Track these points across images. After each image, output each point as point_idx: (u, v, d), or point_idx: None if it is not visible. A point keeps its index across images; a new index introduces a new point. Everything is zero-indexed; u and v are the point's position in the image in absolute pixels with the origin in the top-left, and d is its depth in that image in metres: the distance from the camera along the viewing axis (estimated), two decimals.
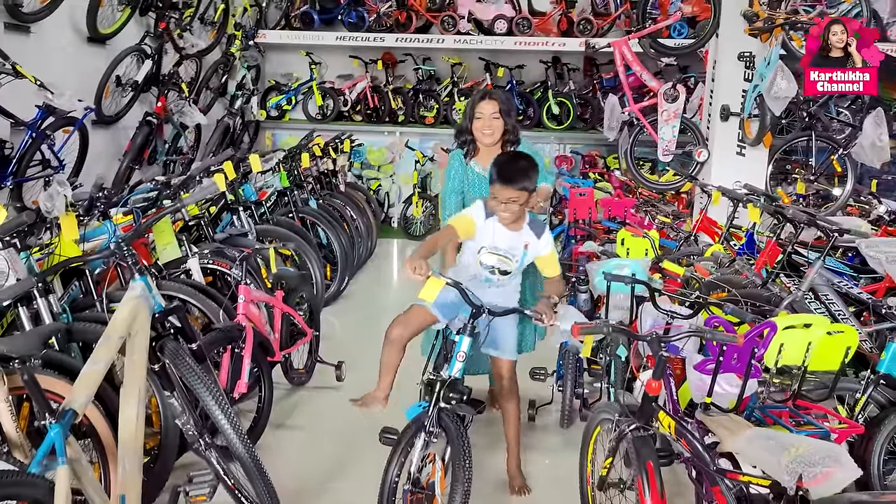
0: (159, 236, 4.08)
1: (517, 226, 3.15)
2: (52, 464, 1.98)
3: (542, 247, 3.19)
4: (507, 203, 3.01)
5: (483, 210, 3.15)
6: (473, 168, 3.79)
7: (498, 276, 3.20)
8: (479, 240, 3.17)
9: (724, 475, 2.45)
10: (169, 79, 7.00)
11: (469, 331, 2.92)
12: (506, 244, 3.15)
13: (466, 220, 3.15)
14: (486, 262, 3.18)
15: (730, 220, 5.11)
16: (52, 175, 5.16)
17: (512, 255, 3.16)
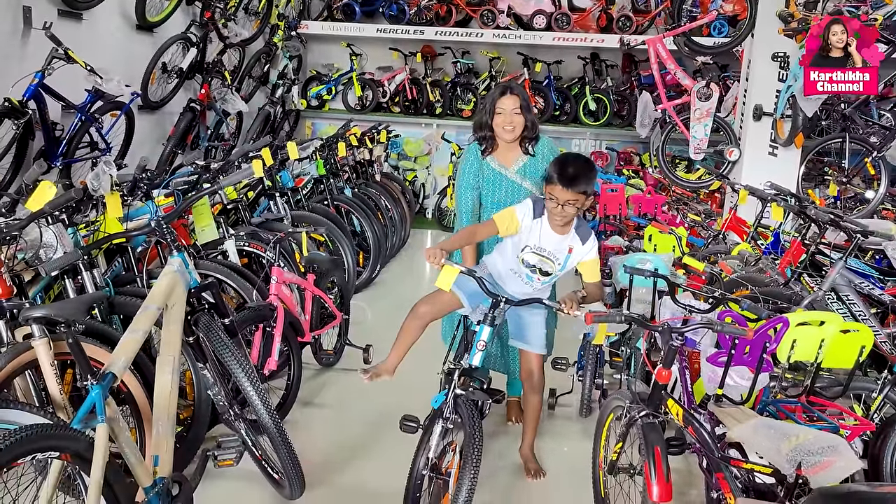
0: (198, 218, 4.26)
1: (566, 229, 3.09)
2: (92, 421, 2.13)
3: (586, 252, 3.13)
4: (565, 205, 2.97)
5: (531, 208, 3.11)
6: (490, 164, 3.67)
7: (539, 276, 3.16)
8: (525, 238, 3.12)
9: (729, 462, 2.52)
10: (213, 67, 7.21)
11: (490, 321, 2.91)
12: (551, 246, 3.11)
13: (511, 217, 3.12)
14: (529, 261, 3.14)
15: (757, 219, 5.13)
16: (100, 157, 5.38)
17: (555, 258, 3.12)
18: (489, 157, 3.65)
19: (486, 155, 3.65)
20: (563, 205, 2.96)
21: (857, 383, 3.26)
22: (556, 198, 2.97)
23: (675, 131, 6.39)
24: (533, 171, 3.64)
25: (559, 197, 2.96)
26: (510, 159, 3.63)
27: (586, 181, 2.96)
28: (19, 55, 4.98)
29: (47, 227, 3.02)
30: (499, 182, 3.64)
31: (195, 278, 2.86)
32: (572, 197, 2.94)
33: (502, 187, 3.63)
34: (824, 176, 6.53)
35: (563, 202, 2.96)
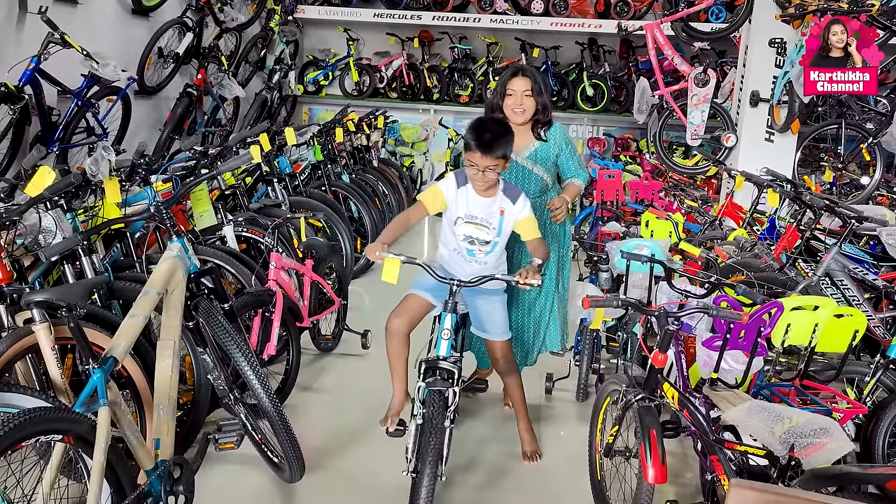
0: (196, 204, 4.27)
1: (491, 192, 3.07)
2: (94, 405, 2.16)
3: (519, 211, 3.08)
4: (485, 171, 2.93)
5: (454, 179, 3.10)
6: None
7: (479, 246, 3.12)
8: (454, 210, 3.10)
9: (723, 445, 2.55)
10: (209, 52, 7.19)
11: (451, 307, 2.84)
12: (482, 212, 3.07)
13: (434, 193, 3.12)
14: (464, 233, 3.10)
15: (753, 205, 5.15)
16: (96, 142, 5.38)
17: (489, 223, 3.08)
18: None
19: None
20: (483, 171, 2.93)
21: (851, 367, 3.30)
22: (475, 164, 2.93)
23: (672, 117, 6.40)
24: (544, 157, 3.59)
25: (479, 163, 2.92)
26: (520, 144, 3.53)
27: (504, 145, 2.94)
28: (15, 40, 4.97)
29: (46, 212, 3.03)
30: (509, 167, 3.56)
31: (195, 263, 2.87)
32: (491, 162, 2.92)
33: (512, 173, 3.55)
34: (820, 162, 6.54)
35: (482, 168, 2.92)
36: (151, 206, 2.88)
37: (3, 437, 1.86)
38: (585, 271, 5.01)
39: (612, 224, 5.20)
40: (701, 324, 3.35)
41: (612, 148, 9.83)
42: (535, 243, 3.09)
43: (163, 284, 2.62)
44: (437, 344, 2.85)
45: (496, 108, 3.53)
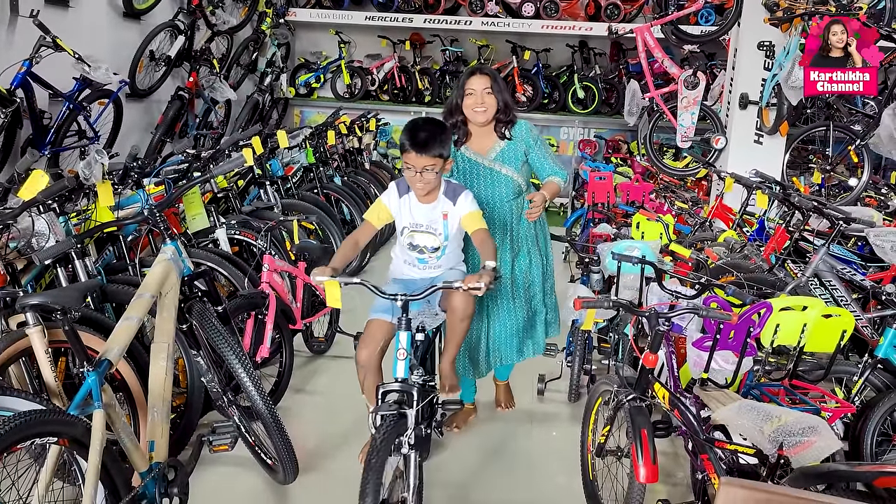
0: (189, 207, 4.27)
1: (432, 197, 2.99)
2: (89, 408, 2.17)
3: (461, 209, 2.98)
4: (423, 172, 2.84)
5: (396, 189, 3.03)
6: (464, 154, 3.45)
7: (428, 254, 3.06)
8: (399, 220, 3.05)
9: (713, 444, 2.58)
10: (200, 55, 7.20)
11: (405, 324, 2.65)
12: (425, 219, 3.01)
13: (378, 207, 3.05)
14: (412, 243, 3.04)
15: (743, 206, 5.20)
16: (88, 145, 5.38)
17: (434, 228, 3.01)
18: (463, 147, 3.45)
19: (460, 146, 3.44)
20: (420, 171, 2.84)
21: (839, 367, 3.34)
22: (412, 166, 2.85)
23: (662, 119, 6.44)
24: (512, 156, 3.45)
25: (414, 164, 2.84)
26: (485, 146, 3.44)
27: (440, 144, 2.86)
28: (6, 43, 4.96)
29: (39, 215, 3.03)
30: (475, 172, 3.45)
31: (188, 266, 2.89)
32: (428, 162, 2.83)
33: (480, 177, 3.44)
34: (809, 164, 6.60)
35: (419, 169, 2.84)
36: (145, 209, 2.89)
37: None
38: (577, 273, 5.03)
39: (604, 226, 5.23)
40: (691, 324, 3.38)
41: (602, 150, 9.87)
42: (481, 235, 2.95)
43: (157, 287, 2.63)
44: (394, 365, 2.64)
45: (456, 110, 3.40)
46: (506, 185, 3.46)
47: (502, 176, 3.45)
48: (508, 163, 3.44)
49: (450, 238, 3.04)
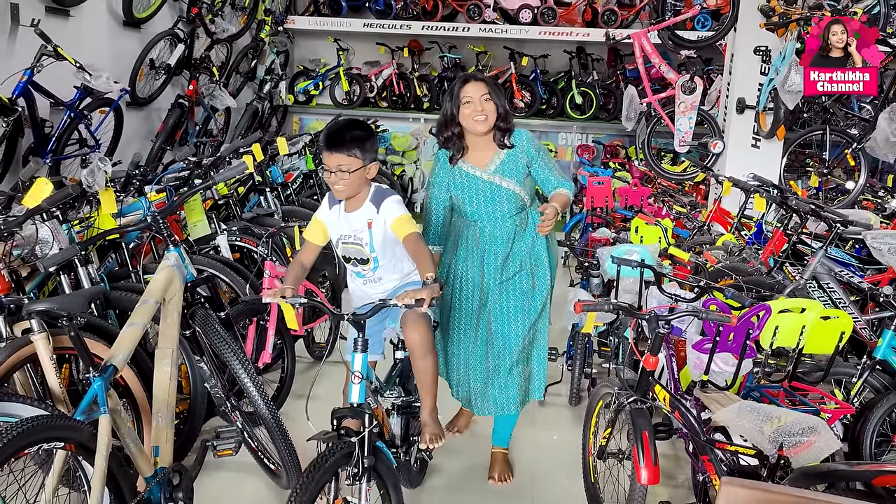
0: (190, 214, 4.29)
1: (358, 203, 2.75)
2: (95, 413, 2.19)
3: (386, 215, 2.70)
4: (338, 173, 2.61)
5: (328, 200, 2.83)
6: (462, 168, 3.17)
7: (361, 267, 2.83)
8: (332, 232, 2.84)
9: (714, 445, 2.60)
10: (200, 63, 7.22)
11: (361, 345, 2.46)
12: (351, 228, 2.77)
13: (314, 223, 2.86)
14: (344, 255, 2.84)
15: (741, 210, 5.23)
16: (89, 153, 5.41)
17: (360, 239, 2.76)
18: (460, 161, 3.18)
19: (456, 161, 3.18)
20: (335, 172, 2.61)
21: (838, 368, 3.36)
22: (326, 166, 2.64)
23: (660, 124, 6.48)
24: (513, 167, 3.14)
25: (328, 163, 2.63)
26: (483, 159, 3.15)
27: (355, 143, 2.61)
28: (7, 52, 4.98)
29: (43, 223, 3.05)
30: (474, 187, 3.15)
31: (191, 272, 2.91)
32: (342, 161, 2.60)
33: (479, 192, 3.15)
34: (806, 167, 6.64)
35: (334, 168, 2.61)
36: (148, 216, 2.91)
37: (7, 445, 1.89)
38: (576, 277, 5.06)
39: (603, 230, 5.26)
40: (691, 327, 3.40)
41: (601, 155, 9.89)
42: (412, 243, 2.64)
43: (161, 293, 2.65)
44: (349, 390, 2.48)
45: (450, 121, 3.11)
46: (507, 200, 3.15)
47: (503, 190, 3.13)
48: (509, 175, 3.14)
49: (376, 248, 2.76)
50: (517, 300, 3.18)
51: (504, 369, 3.18)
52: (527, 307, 3.19)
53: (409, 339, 2.75)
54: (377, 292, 2.85)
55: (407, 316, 2.73)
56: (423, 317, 2.72)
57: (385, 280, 2.86)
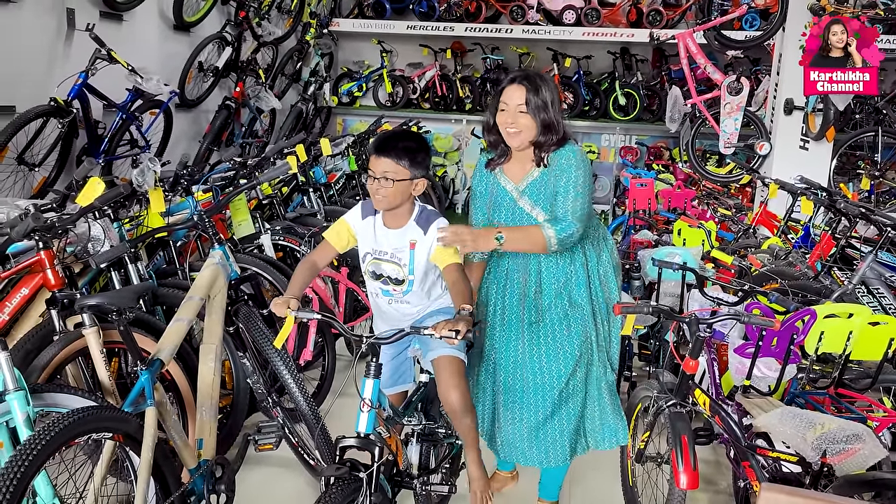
0: (235, 213, 4.38)
1: (400, 221, 2.55)
2: (142, 405, 2.26)
3: (433, 240, 2.52)
4: (381, 179, 2.42)
5: (361, 209, 2.64)
6: (498, 179, 2.78)
7: (392, 286, 2.61)
8: (363, 245, 2.64)
9: (755, 451, 2.57)
10: (247, 65, 7.35)
11: (374, 371, 2.26)
12: (390, 246, 2.56)
13: (340, 226, 2.66)
14: (373, 271, 2.62)
15: (788, 213, 5.13)
16: (140, 154, 5.55)
17: (399, 259, 2.56)
18: (498, 169, 2.79)
19: (494, 166, 2.79)
20: (378, 178, 2.42)
21: (887, 376, 3.27)
22: (371, 171, 2.46)
23: (705, 126, 6.39)
24: (542, 192, 2.69)
25: (373, 168, 2.44)
26: (520, 174, 2.74)
27: (405, 152, 2.44)
28: (63, 56, 5.15)
29: (95, 221, 3.15)
30: (503, 203, 2.77)
31: (235, 270, 2.97)
32: (388, 167, 2.41)
33: (509, 212, 2.76)
34: (857, 170, 6.49)
35: (378, 174, 2.42)
36: (194, 216, 2.99)
37: (59, 434, 1.95)
38: None
39: (645, 233, 5.21)
40: (734, 331, 3.36)
41: (644, 157, 9.79)
42: (453, 273, 2.46)
43: (206, 290, 2.71)
44: (357, 417, 2.26)
45: (490, 128, 2.74)
46: (525, 220, 2.73)
47: (526, 217, 2.72)
48: (538, 199, 2.69)
49: (416, 272, 2.57)
50: (548, 346, 2.75)
51: (535, 421, 2.76)
52: (559, 355, 2.74)
53: (447, 400, 2.55)
54: (402, 313, 2.69)
55: (443, 368, 2.54)
56: (461, 369, 2.56)
57: (413, 303, 2.66)
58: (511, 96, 2.62)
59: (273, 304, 2.37)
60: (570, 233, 2.59)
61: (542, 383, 2.73)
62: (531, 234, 2.59)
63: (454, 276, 2.46)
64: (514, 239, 2.59)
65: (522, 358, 2.75)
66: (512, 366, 2.77)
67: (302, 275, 2.59)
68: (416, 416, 2.72)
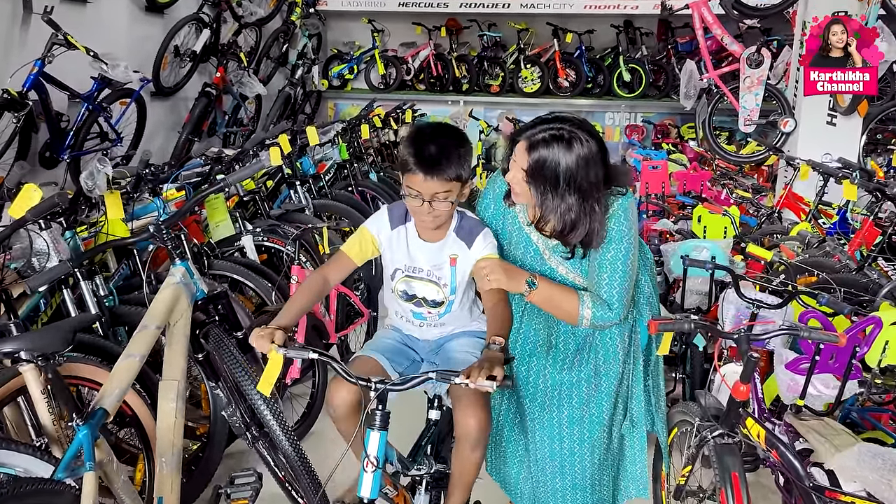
0: (212, 213, 3.95)
1: (439, 233, 2.13)
2: (79, 469, 1.84)
3: (477, 252, 2.12)
4: (433, 202, 1.99)
5: (388, 216, 2.17)
6: (516, 216, 2.21)
7: (427, 308, 2.20)
8: (390, 259, 2.19)
9: (823, 493, 2.16)
10: (228, 48, 6.90)
11: (380, 422, 1.85)
12: (427, 262, 2.15)
13: (362, 237, 2.17)
14: (405, 291, 2.20)
15: (819, 196, 4.70)
16: (111, 147, 5.13)
17: (438, 277, 2.15)
18: (521, 208, 2.20)
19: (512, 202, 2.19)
20: (429, 201, 1.98)
21: None
22: (418, 192, 1.98)
23: (722, 101, 5.95)
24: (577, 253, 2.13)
25: (423, 190, 1.97)
26: None
27: (457, 161, 1.98)
28: (20, 43, 4.70)
29: (39, 232, 2.71)
30: (524, 246, 2.21)
31: (201, 289, 2.54)
32: (441, 188, 1.97)
33: (528, 255, 2.20)
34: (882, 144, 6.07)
35: (428, 196, 1.97)
36: (151, 226, 2.55)
37: None
38: None
39: (665, 222, 4.79)
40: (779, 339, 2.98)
41: (651, 135, 9.39)
42: (494, 297, 2.06)
43: (164, 317, 2.29)
44: (360, 480, 1.85)
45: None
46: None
47: (557, 275, 2.19)
48: (574, 263, 2.16)
49: (457, 290, 2.17)
50: (570, 409, 2.23)
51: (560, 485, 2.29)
52: (584, 421, 2.23)
53: (462, 423, 2.08)
54: (432, 336, 2.28)
55: (464, 394, 2.07)
56: (485, 397, 2.11)
57: (450, 324, 2.26)
58: (519, 154, 2.00)
59: (254, 337, 1.90)
60: (610, 322, 2.10)
61: (562, 453, 2.25)
62: (566, 300, 2.09)
63: (495, 297, 2.06)
64: (545, 295, 2.09)
65: (543, 422, 2.26)
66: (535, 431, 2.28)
67: (305, 297, 2.11)
68: (426, 462, 2.29)
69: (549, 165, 1.93)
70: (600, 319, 2.08)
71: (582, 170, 1.93)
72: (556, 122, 1.97)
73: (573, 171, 1.93)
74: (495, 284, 2.06)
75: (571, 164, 1.92)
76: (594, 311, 2.07)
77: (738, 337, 2.33)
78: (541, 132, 1.95)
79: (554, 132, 1.93)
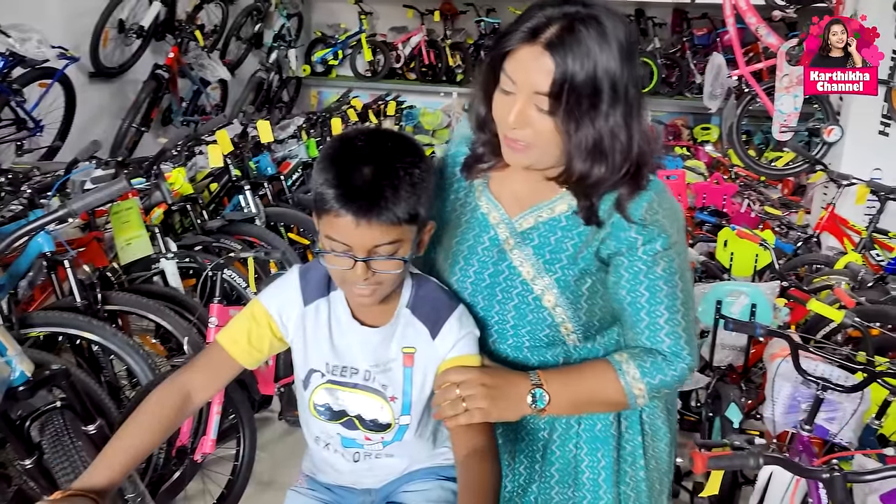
0: (120, 229, 3.15)
1: (384, 312, 1.31)
2: None
3: (446, 348, 1.31)
4: (374, 260, 1.19)
5: (298, 282, 1.31)
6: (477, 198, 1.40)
7: (366, 432, 1.34)
8: (302, 356, 1.33)
9: None
10: (186, 25, 6.09)
11: None
12: (366, 358, 1.31)
13: (251, 319, 1.31)
14: (329, 406, 1.33)
15: (874, 222, 3.92)
16: (28, 137, 4.34)
17: (382, 384, 1.32)
18: (481, 180, 1.40)
19: (477, 175, 1.40)
20: (365, 260, 1.18)
21: None
22: (347, 247, 1.18)
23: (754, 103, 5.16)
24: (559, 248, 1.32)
25: (354, 243, 1.17)
26: (522, 199, 1.36)
27: (410, 191, 1.17)
28: None
29: None
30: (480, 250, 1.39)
31: (21, 371, 1.72)
32: (385, 236, 1.17)
33: (480, 246, 1.38)
34: None
35: (364, 253, 1.18)
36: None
37: None
38: None
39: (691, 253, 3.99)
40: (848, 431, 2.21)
41: (661, 137, 8.65)
42: (468, 449, 1.26)
43: None
44: None
45: (480, 119, 1.33)
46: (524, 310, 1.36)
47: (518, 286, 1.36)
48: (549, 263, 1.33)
49: (413, 407, 1.33)
50: None
51: None
52: None
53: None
54: (373, 481, 1.42)
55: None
56: None
57: (397, 458, 1.38)
58: (527, 69, 1.19)
59: None
60: (682, 376, 1.30)
61: None
62: (597, 384, 1.30)
63: (472, 440, 1.26)
64: (566, 396, 1.29)
65: None
66: None
67: (140, 431, 1.23)
68: None
69: (586, 70, 1.16)
70: (663, 384, 1.29)
71: (626, 63, 1.19)
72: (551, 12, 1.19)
73: (616, 69, 1.18)
74: (478, 417, 1.24)
75: (615, 60, 1.18)
76: (644, 370, 1.28)
77: (831, 477, 1.53)
78: (555, 21, 1.17)
79: (572, 14, 1.17)
